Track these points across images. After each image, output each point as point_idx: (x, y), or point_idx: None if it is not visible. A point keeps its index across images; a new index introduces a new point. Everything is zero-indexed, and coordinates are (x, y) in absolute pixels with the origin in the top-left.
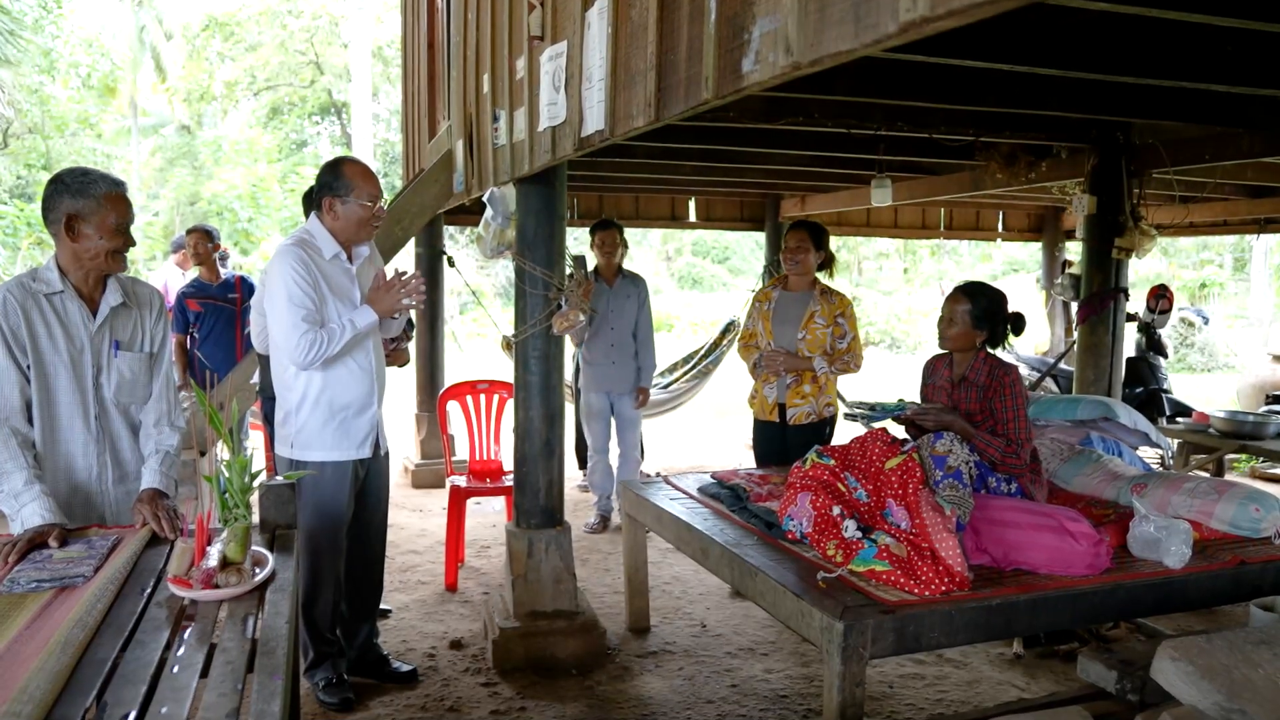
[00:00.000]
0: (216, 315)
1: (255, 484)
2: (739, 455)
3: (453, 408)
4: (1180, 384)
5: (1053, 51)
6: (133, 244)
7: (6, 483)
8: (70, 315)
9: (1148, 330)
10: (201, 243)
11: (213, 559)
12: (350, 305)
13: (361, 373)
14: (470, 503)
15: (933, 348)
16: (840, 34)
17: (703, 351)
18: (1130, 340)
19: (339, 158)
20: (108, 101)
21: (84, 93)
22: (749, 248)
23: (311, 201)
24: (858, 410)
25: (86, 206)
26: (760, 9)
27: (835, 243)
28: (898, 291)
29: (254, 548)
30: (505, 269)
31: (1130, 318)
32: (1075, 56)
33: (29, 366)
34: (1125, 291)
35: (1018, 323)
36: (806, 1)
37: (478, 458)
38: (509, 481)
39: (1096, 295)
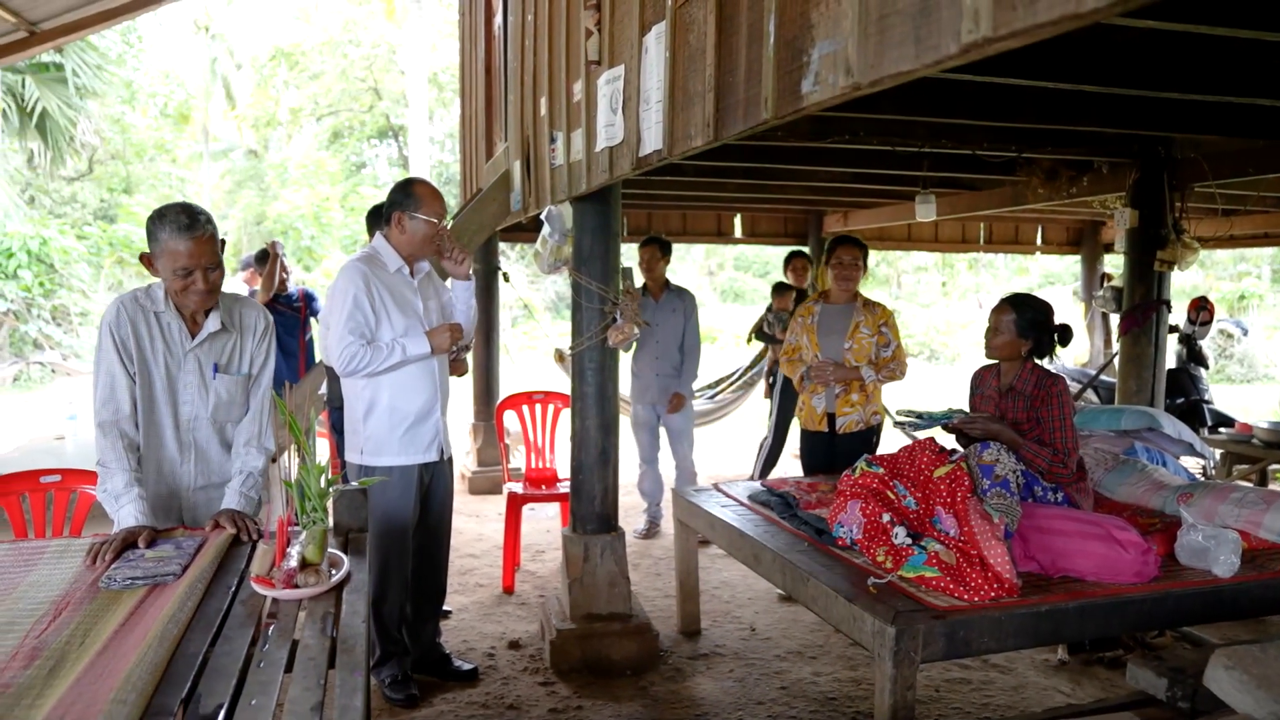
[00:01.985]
0: (281, 323)
1: (331, 489)
2: (786, 464)
3: (509, 417)
4: (1220, 395)
5: (1096, 68)
6: (207, 284)
7: (110, 481)
8: (171, 333)
9: (1188, 341)
10: (273, 267)
11: (293, 560)
12: (414, 314)
13: (424, 381)
14: (525, 508)
15: (970, 359)
16: (901, 55)
17: (748, 363)
18: (1170, 352)
19: (411, 178)
20: (182, 128)
21: (161, 120)
22: None
23: (377, 220)
24: (905, 419)
25: (155, 249)
26: (820, 32)
27: (875, 257)
28: (936, 304)
29: (330, 550)
30: (554, 284)
31: (1171, 329)
32: (1119, 73)
33: (134, 374)
34: (1167, 303)
35: (1064, 334)
36: (866, 24)
37: (533, 465)
38: (563, 489)
39: (1139, 307)
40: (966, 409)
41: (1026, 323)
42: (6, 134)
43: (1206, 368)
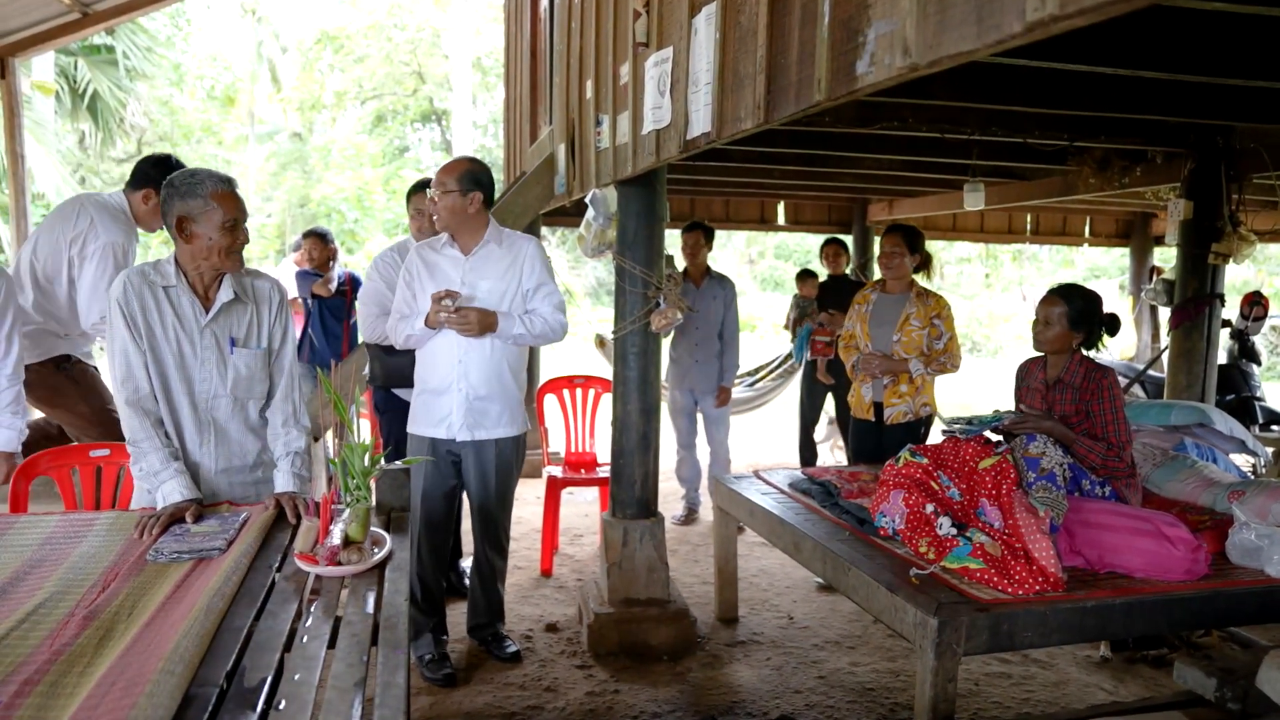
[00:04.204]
0: (327, 306)
1: (375, 468)
2: (824, 454)
3: (549, 401)
4: (1272, 392)
5: (1155, 54)
6: (245, 240)
7: (144, 461)
8: (183, 309)
9: (1241, 337)
10: (316, 247)
11: (336, 537)
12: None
13: (442, 357)
14: (564, 493)
15: (1013, 352)
16: (962, 35)
17: (788, 351)
18: (1222, 347)
19: None
20: (228, 111)
21: (208, 103)
22: None
23: None
24: (955, 426)
25: (195, 207)
26: (876, 11)
27: None
28: (979, 296)
29: (372, 528)
30: (594, 269)
31: (1223, 324)
32: (1179, 59)
33: (146, 351)
34: (1221, 297)
35: (1113, 323)
36: (926, 3)
37: (573, 450)
38: (602, 473)
39: (1191, 301)
40: (1012, 409)
41: (1077, 314)
42: (59, 115)
43: (1259, 364)
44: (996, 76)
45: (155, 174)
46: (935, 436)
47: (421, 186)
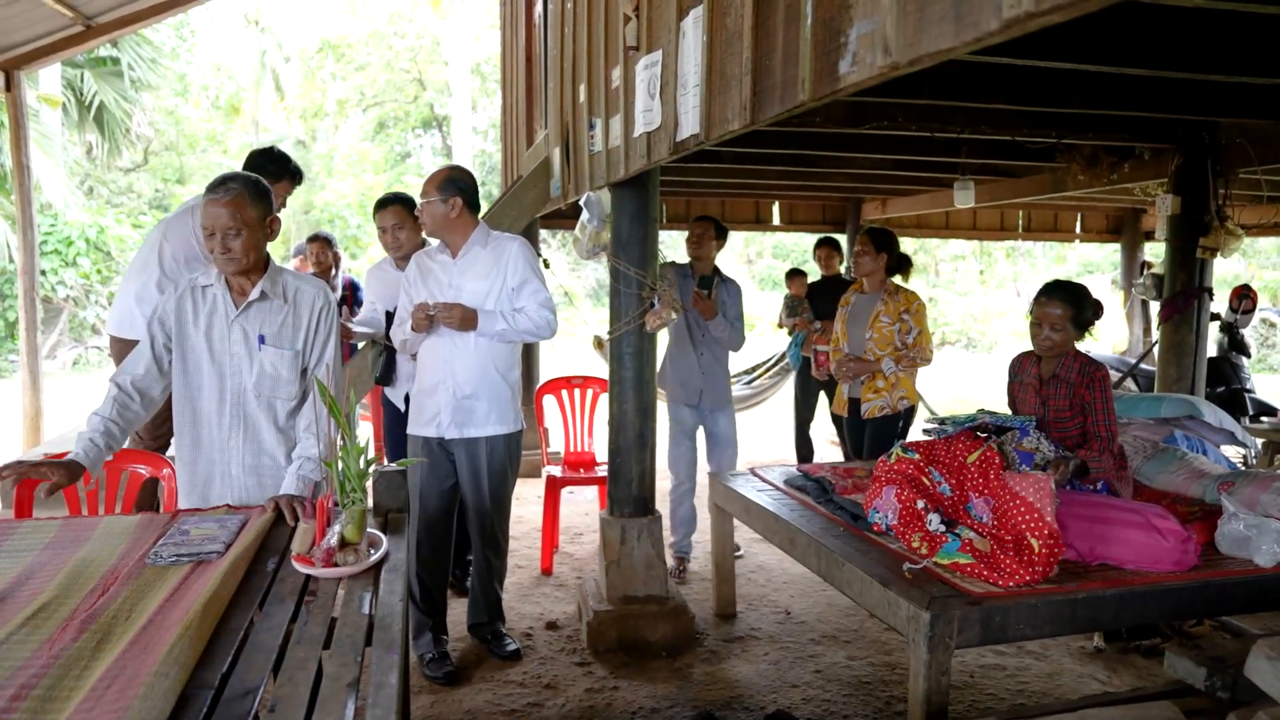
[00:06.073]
0: None
1: (370, 470)
2: (821, 450)
3: (548, 401)
4: (1261, 384)
5: (1139, 51)
6: (230, 249)
7: (87, 424)
8: (217, 306)
9: (1230, 330)
10: (322, 251)
11: (332, 539)
12: (440, 294)
13: (432, 357)
14: (564, 491)
15: (1007, 347)
16: (940, 33)
17: (784, 349)
18: (1212, 340)
19: None
20: (233, 120)
21: (213, 112)
22: None
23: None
24: (932, 427)
25: (199, 210)
26: (858, 11)
27: (912, 245)
28: (973, 293)
29: (369, 530)
30: (594, 271)
31: (1213, 317)
32: (1163, 55)
33: (170, 348)
34: (1209, 291)
35: (1098, 309)
36: (905, 2)
37: (572, 449)
38: (601, 472)
39: (1180, 295)
40: (997, 410)
41: (1080, 314)
42: (66, 127)
43: (1248, 356)
44: (984, 75)
45: (272, 167)
46: (917, 429)
47: (383, 204)
